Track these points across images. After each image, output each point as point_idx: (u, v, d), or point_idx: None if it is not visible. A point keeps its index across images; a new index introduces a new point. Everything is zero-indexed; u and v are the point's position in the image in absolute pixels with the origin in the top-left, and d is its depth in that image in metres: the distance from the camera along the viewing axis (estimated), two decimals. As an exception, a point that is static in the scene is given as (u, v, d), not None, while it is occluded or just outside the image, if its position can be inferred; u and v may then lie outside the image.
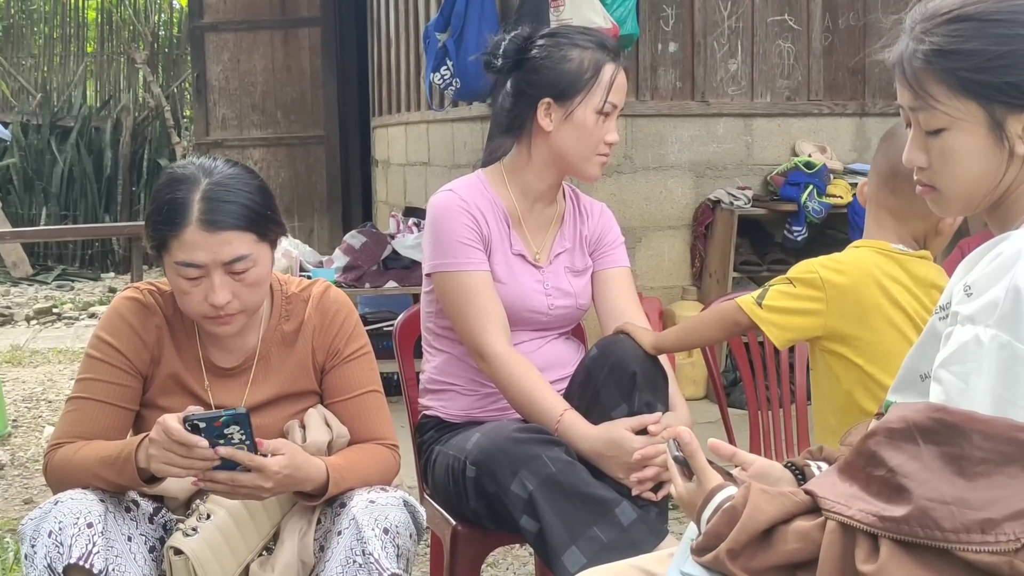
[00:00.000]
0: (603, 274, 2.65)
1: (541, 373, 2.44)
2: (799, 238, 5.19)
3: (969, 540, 1.32)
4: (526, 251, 2.55)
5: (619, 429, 2.29)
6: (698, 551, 1.51)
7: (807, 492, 1.48)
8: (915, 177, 1.62)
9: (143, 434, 2.04)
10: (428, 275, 2.54)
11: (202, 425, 1.91)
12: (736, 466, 1.80)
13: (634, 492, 2.26)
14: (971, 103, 1.50)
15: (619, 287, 2.64)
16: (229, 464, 1.94)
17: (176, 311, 2.19)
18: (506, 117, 2.54)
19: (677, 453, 1.72)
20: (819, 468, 1.76)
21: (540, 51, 2.48)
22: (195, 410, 1.95)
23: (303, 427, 2.19)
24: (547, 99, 2.45)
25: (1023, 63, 1.47)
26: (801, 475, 1.79)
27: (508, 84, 2.53)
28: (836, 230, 5.33)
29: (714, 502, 1.55)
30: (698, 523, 1.56)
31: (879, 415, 1.67)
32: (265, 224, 2.11)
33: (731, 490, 1.55)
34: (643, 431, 2.29)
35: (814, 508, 1.46)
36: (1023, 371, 1.36)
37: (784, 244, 5.30)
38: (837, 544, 1.40)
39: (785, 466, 1.82)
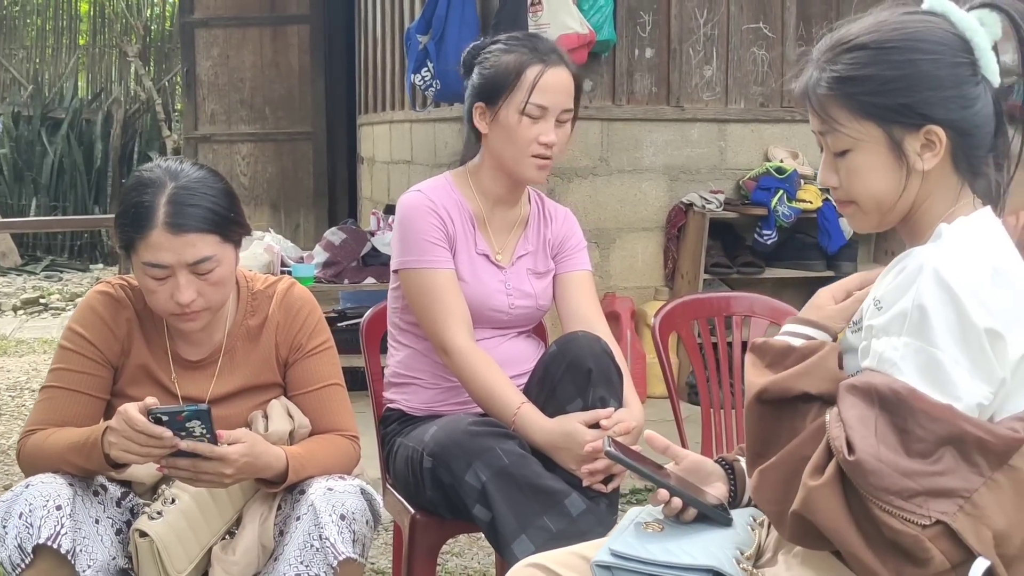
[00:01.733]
0: (565, 277, 2.73)
1: (501, 368, 2.54)
2: (768, 241, 5.28)
3: (888, 500, 1.43)
4: (489, 251, 2.64)
5: (572, 422, 2.37)
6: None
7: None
8: (832, 196, 1.74)
9: (107, 422, 2.12)
10: (395, 272, 2.63)
11: (165, 418, 1.99)
12: (670, 460, 1.91)
13: (585, 483, 2.35)
14: (871, 125, 1.62)
15: (580, 290, 2.72)
16: (191, 454, 2.03)
17: (146, 305, 2.26)
18: (467, 125, 2.66)
19: (609, 448, 1.83)
20: (749, 462, 1.88)
21: (480, 58, 2.60)
22: (153, 402, 2.03)
23: (266, 417, 2.27)
24: (480, 103, 2.57)
25: (915, 86, 1.59)
26: (731, 469, 1.90)
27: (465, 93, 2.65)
28: (805, 234, 5.43)
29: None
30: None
31: None
32: (229, 226, 2.18)
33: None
34: (596, 425, 2.37)
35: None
36: (940, 372, 1.48)
37: (754, 247, 5.38)
38: (811, 437, 1.54)
39: (716, 461, 1.93)
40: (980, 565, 1.43)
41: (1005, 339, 1.50)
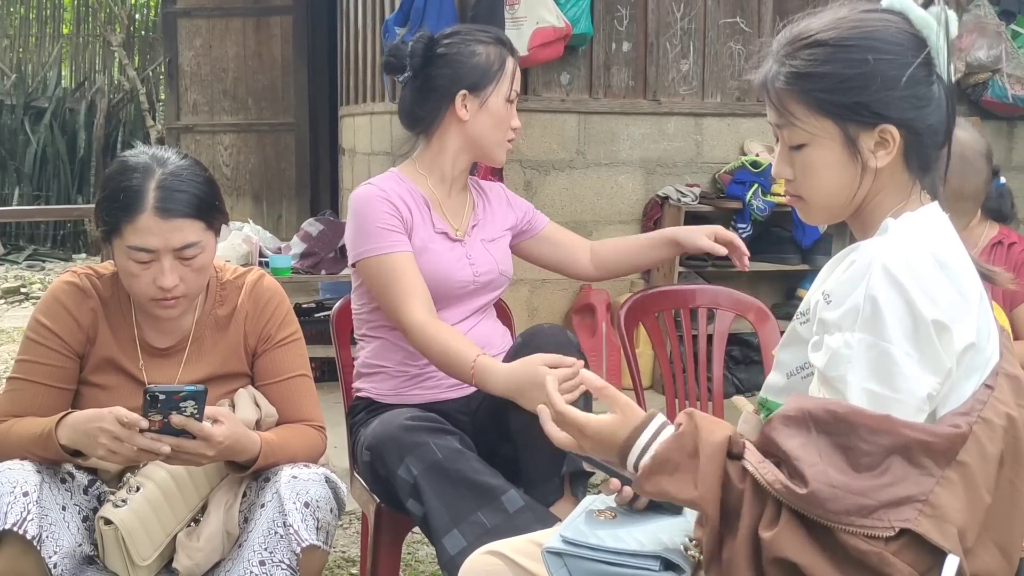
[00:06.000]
0: (542, 234, 2.95)
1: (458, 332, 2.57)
2: (744, 235, 5.27)
3: (850, 522, 1.44)
4: (448, 229, 2.71)
5: (534, 362, 2.31)
6: (647, 475, 1.56)
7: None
8: (784, 189, 1.77)
9: (63, 412, 2.16)
10: (354, 265, 2.66)
11: (162, 397, 2.02)
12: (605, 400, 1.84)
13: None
14: (827, 121, 1.64)
15: (558, 232, 2.98)
16: (175, 431, 2.06)
17: (113, 293, 2.30)
18: (419, 112, 2.71)
19: None
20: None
21: (448, 48, 2.67)
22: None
23: (232, 405, 2.29)
24: (463, 91, 2.65)
25: (871, 84, 1.61)
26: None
27: (417, 83, 2.69)
28: (781, 228, 5.46)
29: (651, 427, 1.60)
30: (626, 452, 1.61)
31: (757, 411, 1.81)
32: (213, 213, 2.23)
33: (661, 418, 1.62)
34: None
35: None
36: (892, 366, 1.51)
37: (730, 241, 5.42)
38: (752, 504, 1.51)
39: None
40: (952, 562, 1.44)
41: (951, 330, 1.52)
